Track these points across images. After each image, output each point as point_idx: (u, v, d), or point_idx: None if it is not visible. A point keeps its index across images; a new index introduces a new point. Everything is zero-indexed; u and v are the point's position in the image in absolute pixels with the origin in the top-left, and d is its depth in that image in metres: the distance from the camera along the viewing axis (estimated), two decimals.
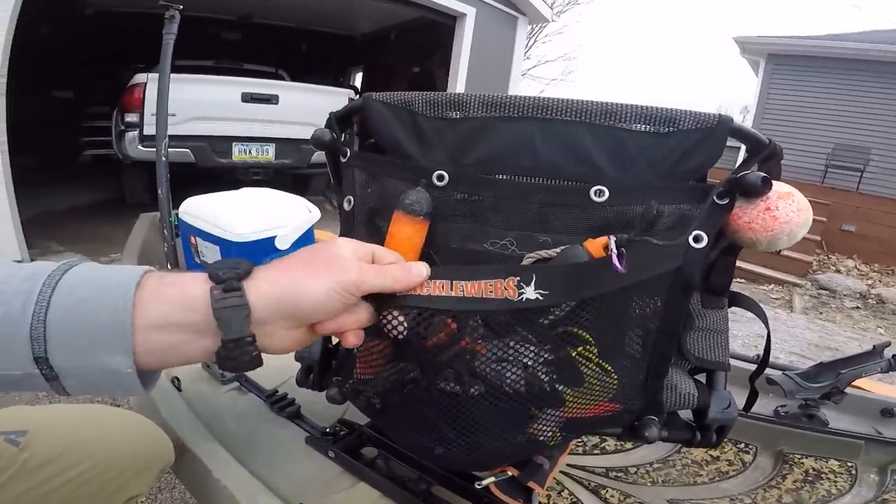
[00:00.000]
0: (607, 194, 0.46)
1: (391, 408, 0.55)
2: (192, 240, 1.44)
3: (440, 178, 0.51)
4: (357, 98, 0.59)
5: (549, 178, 0.49)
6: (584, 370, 0.47)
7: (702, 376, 0.59)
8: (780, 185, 0.46)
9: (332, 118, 0.59)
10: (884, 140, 6.95)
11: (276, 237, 1.34)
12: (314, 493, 0.69)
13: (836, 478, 0.92)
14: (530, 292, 0.40)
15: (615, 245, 0.39)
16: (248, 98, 3.84)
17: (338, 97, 4.40)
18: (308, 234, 1.47)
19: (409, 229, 0.50)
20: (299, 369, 0.67)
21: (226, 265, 0.38)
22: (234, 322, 0.36)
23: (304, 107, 4.09)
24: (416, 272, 0.41)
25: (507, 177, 0.50)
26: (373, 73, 7.89)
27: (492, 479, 0.63)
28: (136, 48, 4.70)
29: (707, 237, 0.43)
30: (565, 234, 0.48)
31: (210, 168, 3.83)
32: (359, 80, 8.43)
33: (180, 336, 0.36)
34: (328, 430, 0.81)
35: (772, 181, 0.43)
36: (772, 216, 0.44)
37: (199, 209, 1.40)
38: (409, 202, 0.49)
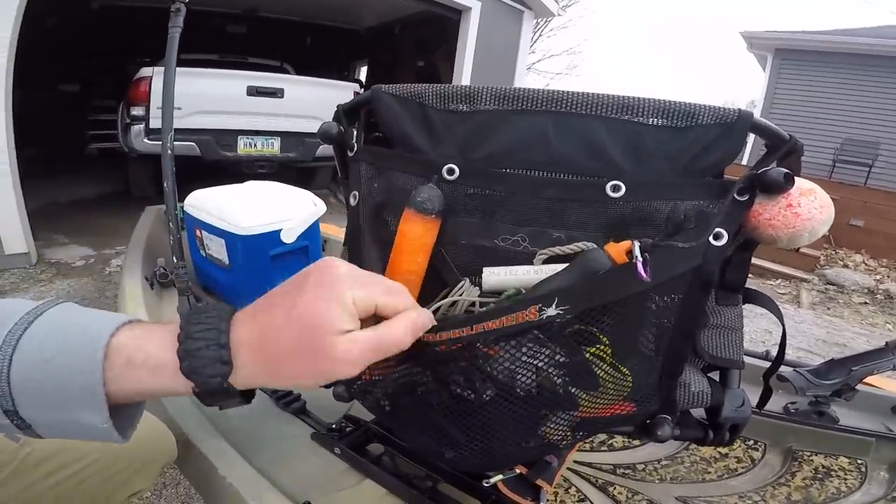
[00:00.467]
0: (623, 190, 0.45)
1: (401, 410, 0.54)
2: (198, 233, 1.44)
3: (450, 171, 0.50)
4: (362, 91, 0.58)
5: (562, 173, 0.47)
6: (598, 371, 0.46)
7: (715, 374, 0.58)
8: (801, 181, 0.44)
9: (339, 111, 0.58)
10: (892, 135, 6.91)
11: (281, 230, 1.34)
12: (320, 490, 0.69)
13: (846, 475, 0.92)
14: (551, 311, 0.39)
15: (640, 251, 0.38)
16: (254, 91, 3.82)
17: (343, 91, 4.38)
18: (313, 228, 1.47)
19: (419, 228, 0.49)
20: None
21: (198, 348, 0.33)
22: (230, 405, 0.36)
23: (309, 100, 4.08)
24: (421, 325, 0.38)
25: (519, 171, 0.48)
26: (377, 67, 7.87)
27: (500, 476, 0.62)
28: (142, 42, 4.69)
29: (727, 235, 0.42)
30: (580, 230, 0.47)
31: (215, 161, 3.83)
32: (363, 73, 8.42)
33: (156, 392, 0.35)
34: (334, 425, 0.81)
35: (794, 177, 0.42)
36: (794, 213, 0.43)
37: (205, 202, 1.40)
38: (420, 200, 0.48)
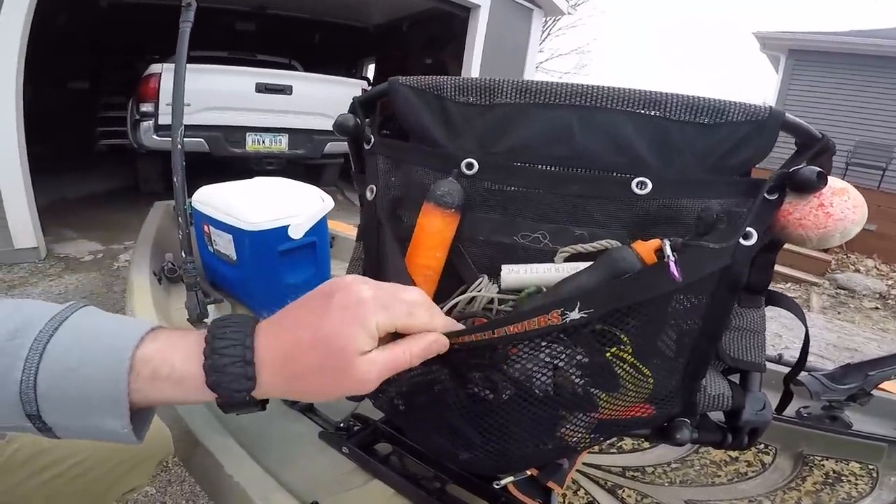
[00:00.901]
0: (650, 187, 0.44)
1: (415, 409, 0.53)
2: (206, 228, 1.44)
3: (469, 166, 0.49)
4: (368, 87, 0.57)
5: (585, 168, 0.46)
6: (620, 372, 0.45)
7: (735, 376, 0.57)
8: (833, 180, 0.43)
9: (355, 103, 0.58)
10: None
11: (289, 226, 1.34)
12: (327, 490, 0.69)
13: (857, 480, 0.91)
14: (574, 314, 0.37)
15: (671, 250, 0.37)
16: (263, 88, 3.83)
17: (351, 88, 4.38)
18: (321, 224, 1.46)
19: (439, 222, 0.48)
20: None
21: (225, 364, 0.34)
22: (236, 409, 0.36)
23: (317, 97, 4.08)
24: (435, 350, 0.38)
25: (541, 166, 0.47)
26: (385, 65, 7.87)
27: (510, 478, 0.62)
28: (151, 39, 4.72)
29: (757, 234, 0.41)
30: (603, 227, 0.46)
31: (223, 157, 3.84)
32: (371, 71, 8.43)
33: (178, 401, 0.35)
34: (342, 424, 0.80)
35: (827, 176, 0.41)
36: (826, 213, 0.42)
37: (213, 198, 1.40)
38: (440, 193, 0.47)
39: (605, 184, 0.45)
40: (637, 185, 0.44)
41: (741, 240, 0.41)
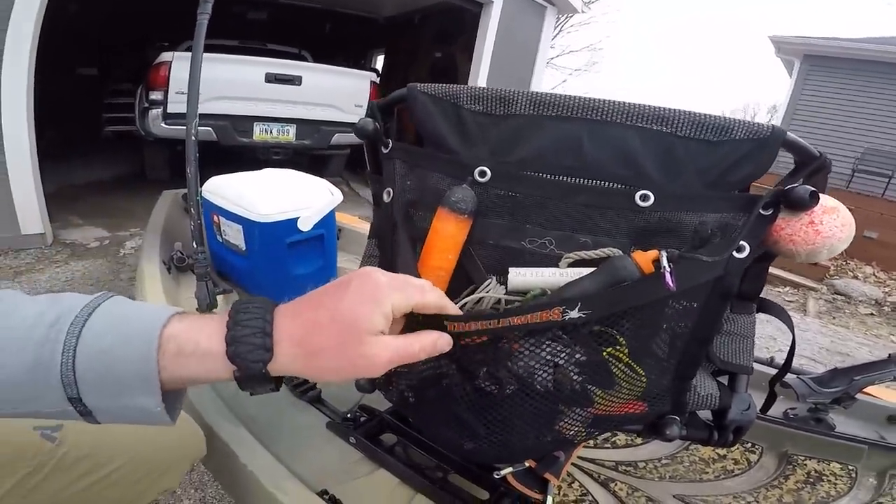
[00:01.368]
0: (652, 199, 0.46)
1: (424, 402, 0.56)
2: (215, 218, 1.47)
3: (482, 174, 0.51)
4: (379, 80, 0.59)
5: (591, 180, 0.49)
6: (615, 370, 0.47)
7: (723, 378, 0.59)
8: (826, 198, 0.45)
9: (374, 107, 0.60)
10: None
11: (298, 218, 1.36)
12: (335, 479, 0.71)
13: (837, 480, 0.93)
14: (574, 314, 0.40)
15: (667, 261, 0.40)
16: (272, 78, 3.82)
17: (360, 80, 4.37)
18: (329, 217, 1.48)
19: (452, 227, 0.50)
20: None
21: (245, 335, 0.36)
22: (261, 391, 0.39)
23: (326, 88, 4.08)
24: (440, 348, 0.41)
25: (549, 175, 0.50)
26: (394, 57, 7.80)
27: (509, 469, 0.64)
28: (160, 26, 4.72)
29: (750, 248, 0.43)
30: (607, 236, 0.48)
31: (230, 147, 3.84)
32: (380, 63, 8.38)
33: (202, 378, 0.38)
34: (349, 415, 0.82)
35: (819, 196, 0.43)
36: (815, 230, 0.44)
37: (223, 189, 1.42)
38: (455, 200, 0.50)
39: (611, 195, 0.48)
40: (640, 198, 0.46)
41: (734, 252, 0.43)
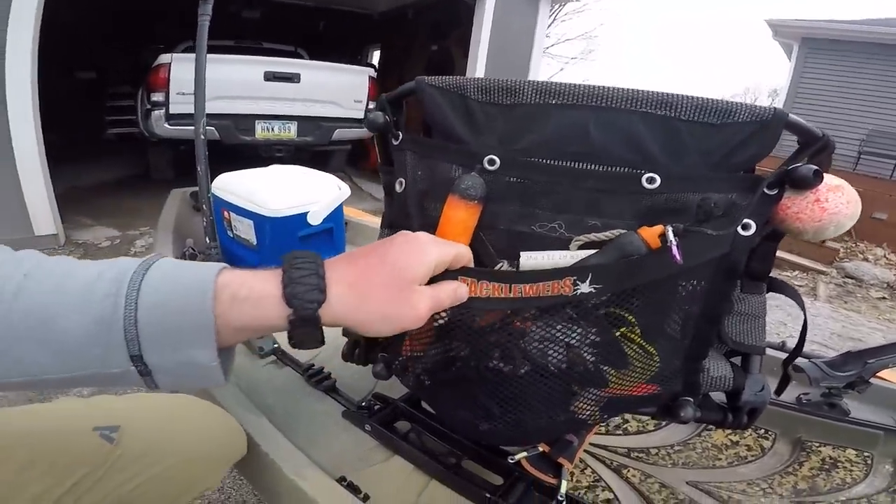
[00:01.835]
0: (658, 181, 0.47)
1: (440, 385, 0.57)
2: (225, 214, 1.48)
3: (491, 162, 0.52)
4: (377, 75, 0.60)
5: (599, 165, 0.49)
6: (628, 351, 0.48)
7: (736, 359, 0.60)
8: (830, 177, 0.46)
9: (383, 100, 0.60)
10: None
11: (308, 213, 1.38)
12: (351, 466, 0.72)
13: (852, 467, 0.92)
14: (585, 287, 0.41)
15: (673, 235, 0.40)
16: (271, 77, 3.85)
17: (358, 75, 4.38)
18: (338, 210, 1.50)
19: (462, 213, 0.51)
20: (345, 344, 0.69)
21: (301, 276, 0.38)
22: (308, 343, 0.40)
23: (325, 85, 4.11)
24: (460, 296, 0.44)
25: (557, 162, 0.51)
26: (390, 52, 7.78)
27: (523, 454, 0.65)
28: (157, 29, 4.72)
29: (755, 226, 0.44)
30: (615, 218, 0.49)
31: (233, 145, 3.88)
32: (376, 58, 8.36)
33: (257, 325, 0.39)
34: (363, 404, 0.83)
35: (823, 174, 0.44)
36: (820, 207, 0.45)
37: (232, 185, 1.44)
38: (464, 187, 0.51)
39: (618, 179, 0.48)
40: (646, 181, 0.47)
41: (740, 230, 0.44)
